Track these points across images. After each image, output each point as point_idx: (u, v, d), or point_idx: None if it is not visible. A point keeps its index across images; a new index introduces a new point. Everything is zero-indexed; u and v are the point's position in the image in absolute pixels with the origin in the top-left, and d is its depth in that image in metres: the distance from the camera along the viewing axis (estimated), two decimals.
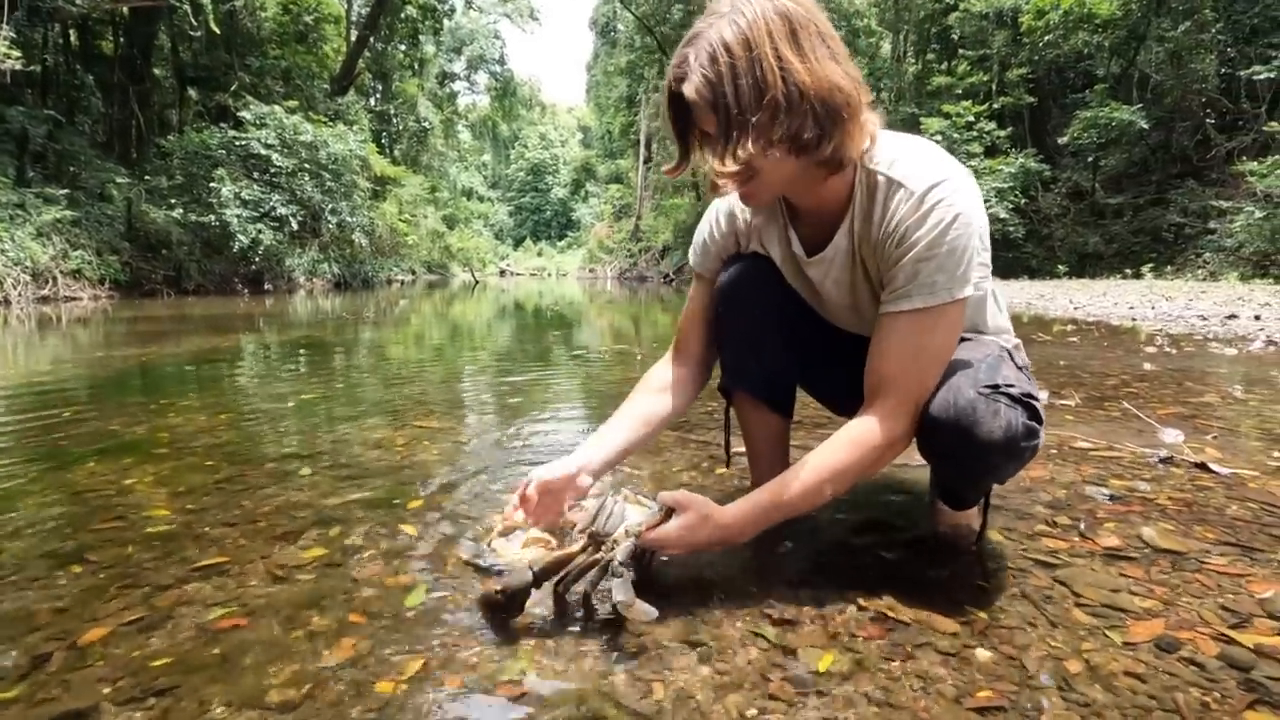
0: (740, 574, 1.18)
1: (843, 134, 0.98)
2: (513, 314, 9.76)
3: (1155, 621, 1.00)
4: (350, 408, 2.57)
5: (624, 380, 3.19)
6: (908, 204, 1.01)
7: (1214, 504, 1.47)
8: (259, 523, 1.40)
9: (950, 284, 1.01)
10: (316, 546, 1.28)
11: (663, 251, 32.23)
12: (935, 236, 0.99)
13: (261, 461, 1.84)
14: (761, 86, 0.93)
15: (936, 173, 1.00)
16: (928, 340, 1.04)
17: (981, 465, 1.05)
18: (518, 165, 66.71)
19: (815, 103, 0.95)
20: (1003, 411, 1.00)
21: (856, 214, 1.08)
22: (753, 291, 1.28)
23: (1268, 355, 4.03)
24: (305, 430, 2.20)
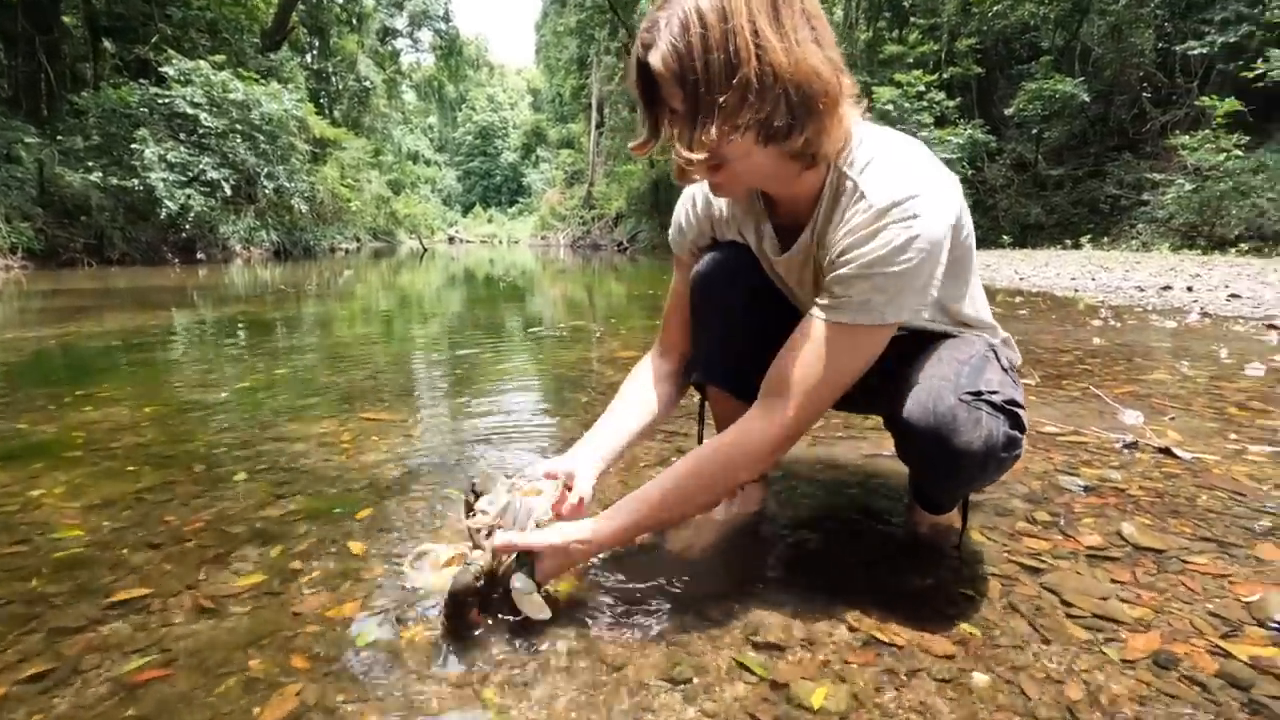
0: (719, 588, 1.11)
1: (817, 126, 0.89)
2: (464, 284, 9.47)
3: (1150, 635, 0.97)
4: (292, 397, 2.39)
5: (581, 361, 3.08)
6: (863, 216, 0.92)
7: (1184, 494, 1.47)
8: (187, 542, 1.26)
9: (885, 308, 0.93)
10: (253, 571, 1.15)
11: (616, 219, 31.84)
12: (880, 257, 0.90)
13: (190, 465, 1.67)
14: (734, 63, 0.83)
15: (905, 188, 0.90)
16: (845, 359, 0.97)
17: (959, 474, 1.00)
18: (465, 128, 64.59)
19: (790, 88, 0.85)
20: (984, 420, 0.94)
21: (820, 215, 1.00)
22: (727, 283, 1.20)
23: (1204, 328, 4.18)
24: (241, 425, 2.03)
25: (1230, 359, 3.07)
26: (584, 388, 2.52)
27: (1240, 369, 2.84)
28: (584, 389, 2.50)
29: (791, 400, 0.98)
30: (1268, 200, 11.53)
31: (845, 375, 0.98)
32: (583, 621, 1.00)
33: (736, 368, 1.26)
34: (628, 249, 27.33)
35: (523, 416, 2.15)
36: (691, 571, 1.17)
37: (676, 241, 1.27)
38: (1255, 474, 1.58)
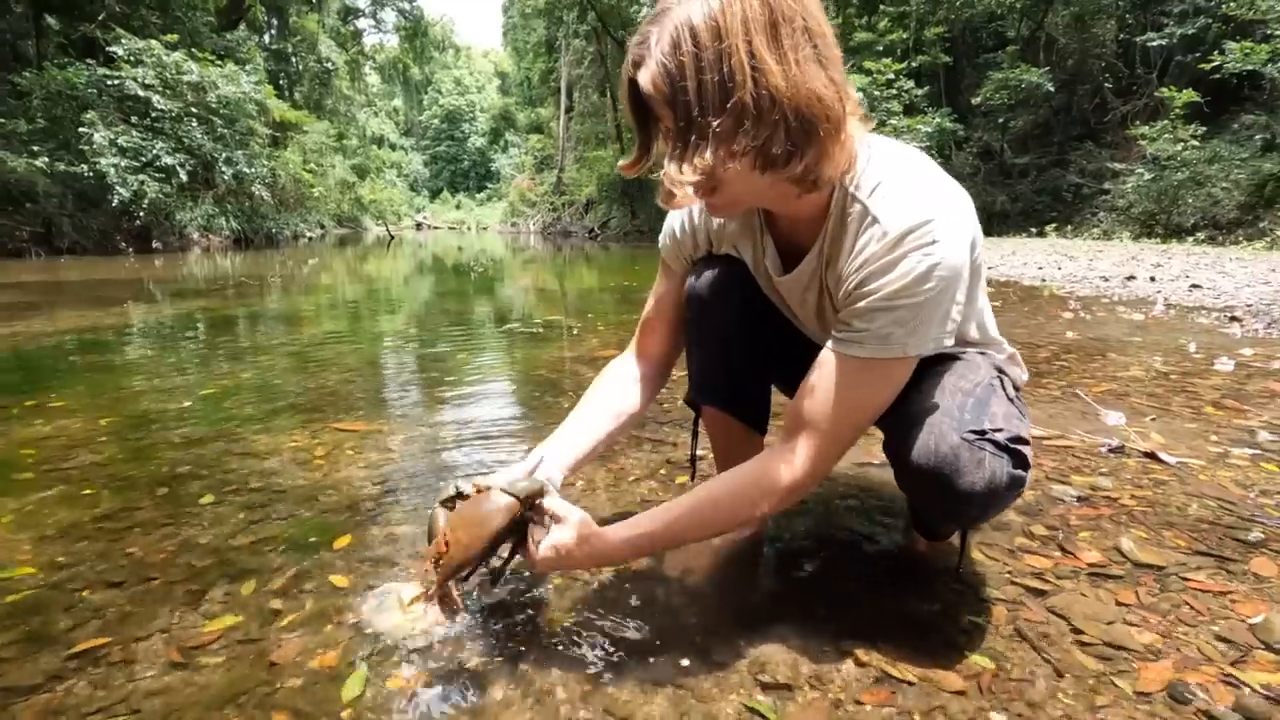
0: (721, 620, 1.07)
1: (818, 152, 0.83)
2: (434, 275, 9.28)
3: (1162, 664, 0.95)
4: (260, 405, 2.29)
5: (558, 360, 3.02)
6: (879, 244, 0.86)
7: (1175, 502, 1.48)
8: (152, 580, 1.18)
9: (907, 339, 0.89)
10: (225, 613, 1.08)
11: (587, 205, 31.58)
12: (901, 287, 0.85)
13: (152, 486, 1.58)
14: (728, 86, 0.78)
15: (920, 211, 0.85)
16: (866, 393, 0.93)
17: (960, 515, 0.99)
18: (432, 112, 63.27)
19: (789, 113, 0.79)
20: (987, 461, 0.91)
21: (827, 238, 0.95)
22: (725, 300, 1.15)
23: (1170, 319, 4.27)
24: (207, 439, 1.93)
25: (1199, 353, 3.13)
26: (564, 391, 2.46)
27: (1210, 364, 2.90)
28: (564, 393, 2.44)
29: (815, 439, 0.94)
30: (1221, 189, 11.88)
31: (869, 410, 0.95)
32: (583, 662, 0.96)
33: (734, 387, 1.22)
34: (599, 236, 27.15)
35: (501, 425, 2.08)
36: (692, 601, 1.12)
37: (667, 248, 1.21)
38: (1240, 480, 1.60)
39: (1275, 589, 1.14)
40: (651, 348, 1.24)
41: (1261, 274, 6.60)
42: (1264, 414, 2.13)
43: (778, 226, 1.06)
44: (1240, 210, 11.53)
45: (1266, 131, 12.03)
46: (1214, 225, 11.69)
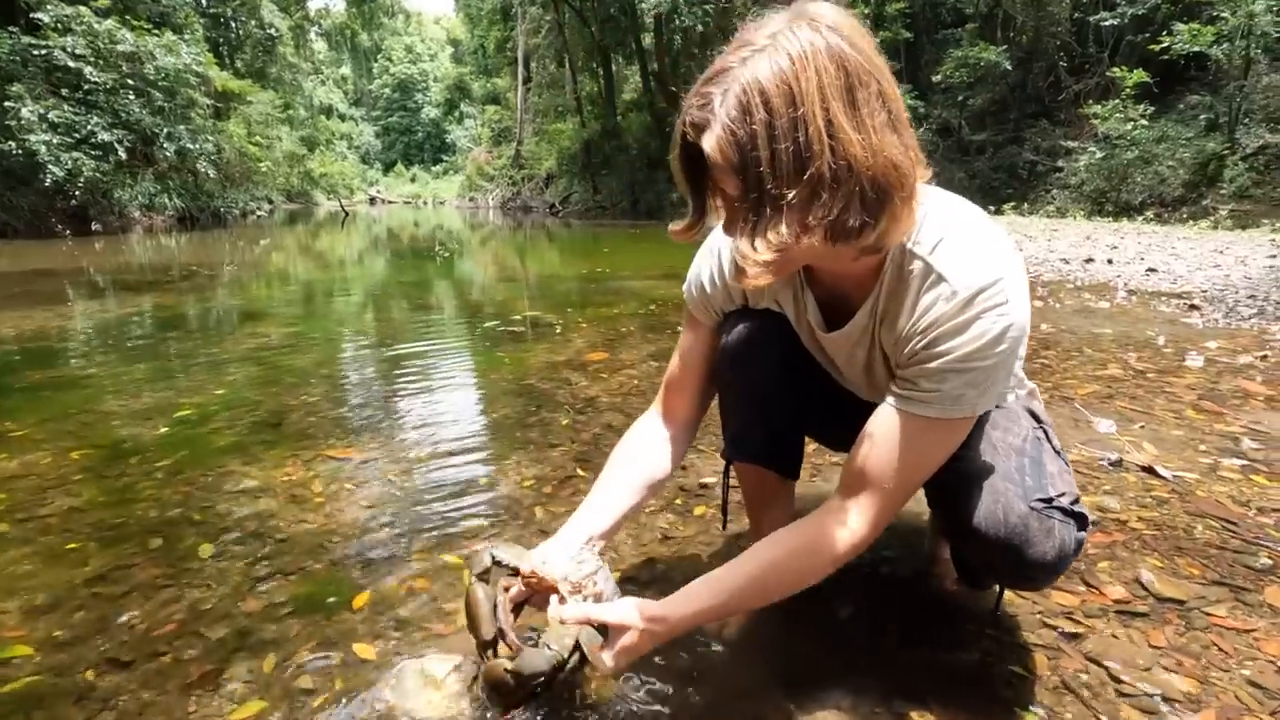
0: (761, 679, 1.06)
1: (891, 221, 0.79)
2: (397, 259, 9.00)
3: (1203, 715, 0.97)
4: (240, 429, 2.18)
5: (549, 367, 2.95)
6: (948, 305, 0.84)
7: (1180, 524, 1.52)
8: (161, 656, 1.11)
9: (977, 400, 0.87)
10: (251, 696, 1.02)
11: (547, 180, 31.06)
12: (976, 350, 0.83)
13: (144, 537, 1.49)
14: (804, 156, 0.73)
15: (989, 271, 0.82)
16: (931, 450, 0.91)
17: (1029, 581, 0.99)
18: (382, 81, 60.97)
19: (866, 183, 0.75)
20: (1056, 529, 0.90)
21: (883, 294, 0.92)
22: (764, 356, 1.11)
23: (1133, 307, 4.41)
24: (192, 474, 1.83)
25: (1169, 348, 3.24)
26: (561, 405, 2.41)
27: (1181, 360, 3.00)
28: (561, 408, 2.38)
29: (877, 498, 0.92)
30: (1167, 168, 12.29)
31: (931, 467, 0.93)
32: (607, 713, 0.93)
33: (772, 444, 1.19)
34: (560, 212, 26.76)
35: (500, 446, 2.03)
36: (733, 663, 1.11)
37: (695, 300, 1.15)
38: (1236, 495, 1.65)
39: None
40: (679, 409, 1.18)
41: (1209, 256, 6.86)
42: (1242, 418, 2.21)
43: (819, 281, 1.02)
44: (1185, 188, 11.95)
45: (1210, 111, 12.45)
46: (1161, 203, 12.10)
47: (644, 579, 1.35)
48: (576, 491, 1.71)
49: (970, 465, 0.97)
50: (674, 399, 1.18)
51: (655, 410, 1.20)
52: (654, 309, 4.52)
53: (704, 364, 1.16)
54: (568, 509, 1.59)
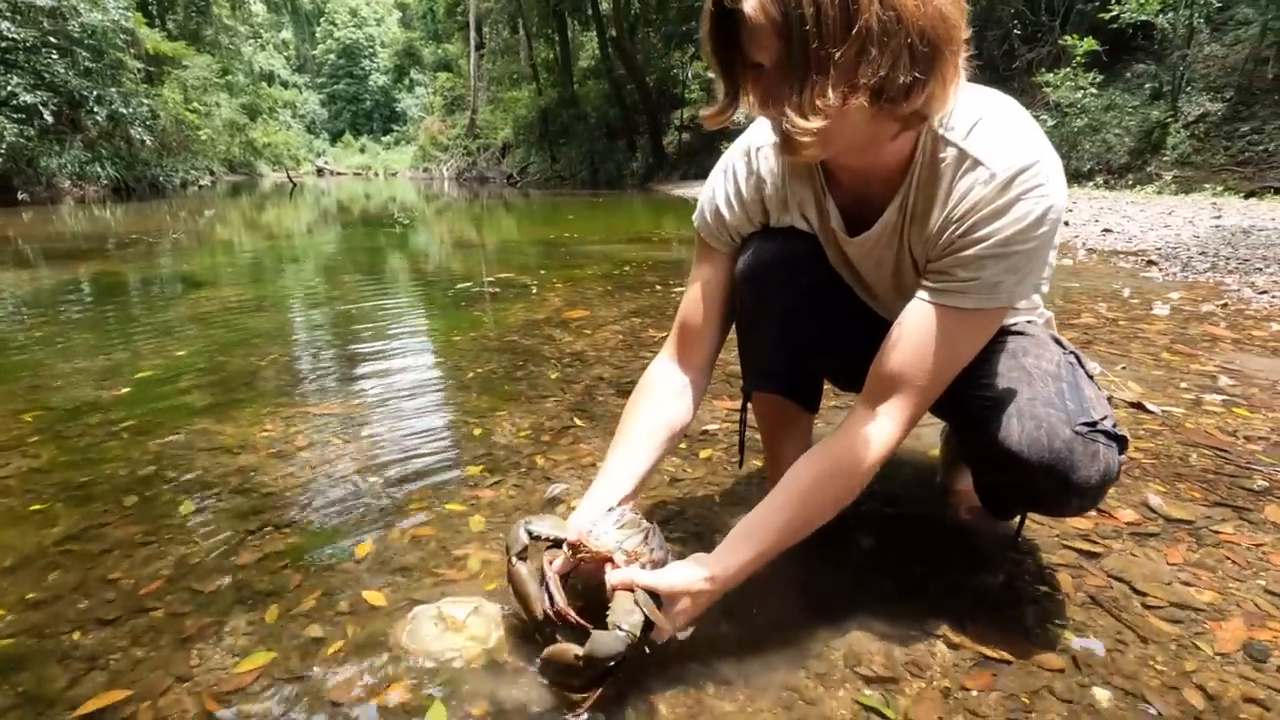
0: (795, 613, 1.04)
1: (941, 80, 0.74)
2: (351, 227, 8.66)
3: (1232, 623, 0.99)
4: (211, 388, 2.05)
5: (529, 324, 2.87)
6: (988, 188, 0.81)
7: (1175, 453, 1.55)
8: (152, 611, 1.02)
9: (1015, 287, 0.85)
10: (256, 647, 0.94)
11: (504, 149, 30.36)
12: (1017, 232, 0.80)
13: (116, 495, 1.38)
14: (851, 9, 0.67)
15: (1026, 153, 0.80)
16: (966, 346, 0.89)
17: (1070, 506, 0.95)
18: (326, 46, 58.34)
19: (915, 35, 0.69)
20: (1100, 454, 0.89)
21: (914, 187, 0.87)
22: (787, 280, 1.04)
23: (1094, 264, 4.53)
24: (161, 432, 1.71)
25: (1135, 299, 3.33)
26: (547, 360, 2.34)
27: (1149, 309, 3.08)
28: (548, 362, 2.31)
29: (911, 398, 0.89)
30: (1114, 136, 12.66)
31: (964, 363, 0.90)
32: (677, 679, 0.89)
33: (796, 373, 1.15)
34: (518, 182, 26.23)
35: (491, 398, 1.95)
36: (766, 598, 1.08)
37: (711, 227, 1.07)
38: (1222, 426, 1.70)
39: None
40: (695, 351, 1.11)
41: (1158, 218, 7.10)
42: (1215, 358, 2.28)
43: (842, 185, 0.97)
44: (1130, 155, 12.33)
45: (1155, 80, 12.82)
46: (1108, 170, 12.47)
47: (657, 520, 1.31)
48: (576, 440, 1.65)
49: (1006, 393, 0.94)
50: (689, 340, 1.11)
51: (668, 354, 1.13)
52: (628, 270, 4.45)
53: (722, 297, 1.09)
54: (569, 457, 1.55)
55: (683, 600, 0.87)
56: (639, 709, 0.84)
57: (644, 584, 0.86)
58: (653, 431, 1.07)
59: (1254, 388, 1.98)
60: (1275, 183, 9.73)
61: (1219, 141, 11.32)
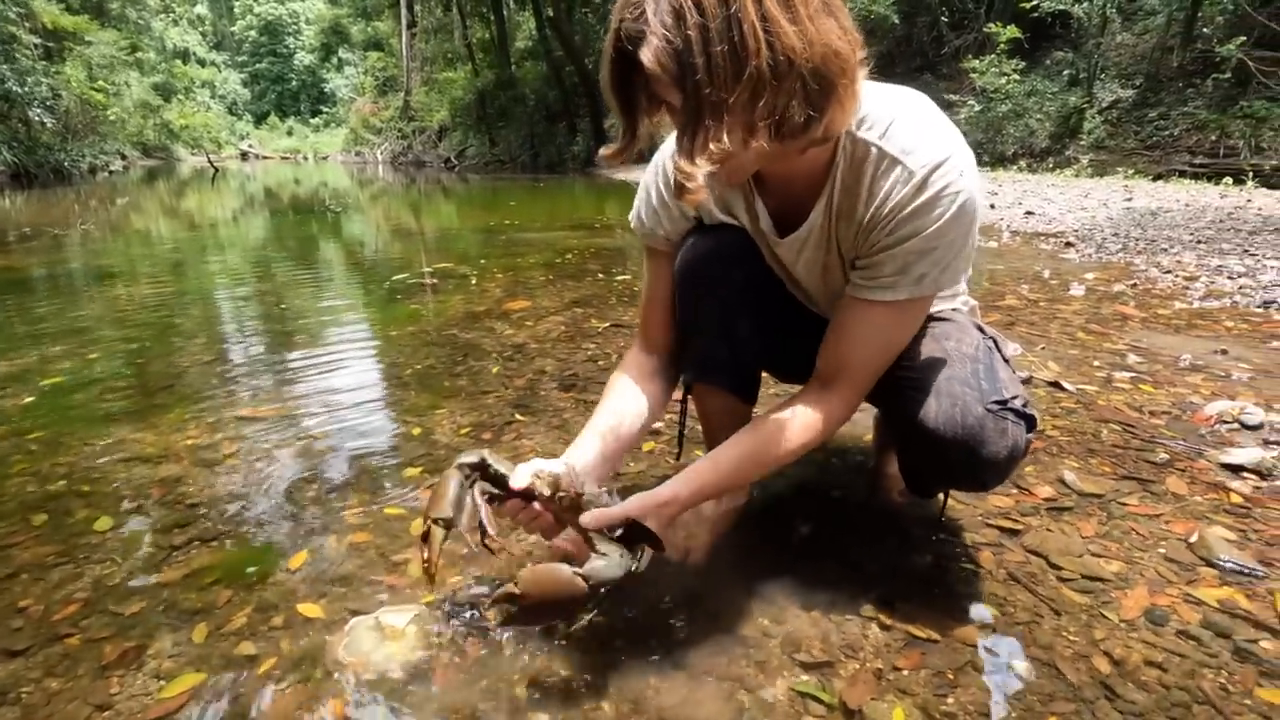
0: (737, 600, 1.06)
1: (836, 110, 0.77)
2: (279, 215, 8.29)
3: (1136, 591, 1.06)
4: (128, 394, 1.94)
5: (469, 317, 2.82)
6: (906, 187, 0.85)
7: (1089, 430, 1.65)
8: (67, 638, 0.97)
9: (939, 278, 0.90)
10: (181, 671, 0.91)
11: (440, 132, 29.52)
12: (937, 229, 0.85)
13: (24, 514, 1.29)
14: (740, 55, 0.69)
15: (938, 149, 0.84)
16: (899, 333, 0.96)
17: (980, 482, 1.03)
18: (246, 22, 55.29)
19: (807, 75, 0.72)
20: (1009, 430, 0.95)
21: (837, 188, 0.91)
22: (720, 275, 1.09)
23: (1018, 246, 4.74)
24: (74, 442, 1.61)
25: (1054, 280, 3.51)
26: (488, 354, 2.30)
27: (1066, 290, 3.25)
28: (489, 356, 2.28)
29: (854, 384, 0.98)
30: (1036, 121, 13.21)
31: (899, 349, 0.97)
32: (618, 671, 0.91)
33: (734, 366, 1.17)
34: (456, 166, 25.59)
35: (433, 397, 1.91)
36: (705, 584, 1.10)
37: (647, 230, 1.12)
38: (1130, 402, 1.81)
39: (1193, 506, 1.30)
40: (657, 338, 1.17)
41: (1076, 200, 7.48)
42: (1125, 337, 2.43)
43: (770, 189, 0.99)
44: (1051, 139, 12.90)
45: (1072, 67, 13.43)
46: (1031, 154, 13.02)
47: None
48: (519, 436, 1.64)
49: (928, 374, 0.99)
50: (649, 330, 1.18)
51: (637, 345, 1.20)
52: (569, 258, 4.41)
53: (671, 294, 1.13)
54: (511, 454, 1.54)
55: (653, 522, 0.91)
56: (583, 704, 0.85)
57: (620, 512, 0.89)
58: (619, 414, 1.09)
59: (1159, 364, 2.12)
60: (1180, 165, 10.36)
61: (1130, 126, 11.95)
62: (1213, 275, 3.49)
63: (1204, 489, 1.36)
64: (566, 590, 0.78)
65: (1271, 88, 10.20)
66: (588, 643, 0.97)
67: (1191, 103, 11.21)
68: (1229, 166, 9.51)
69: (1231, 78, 10.52)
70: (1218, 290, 3.16)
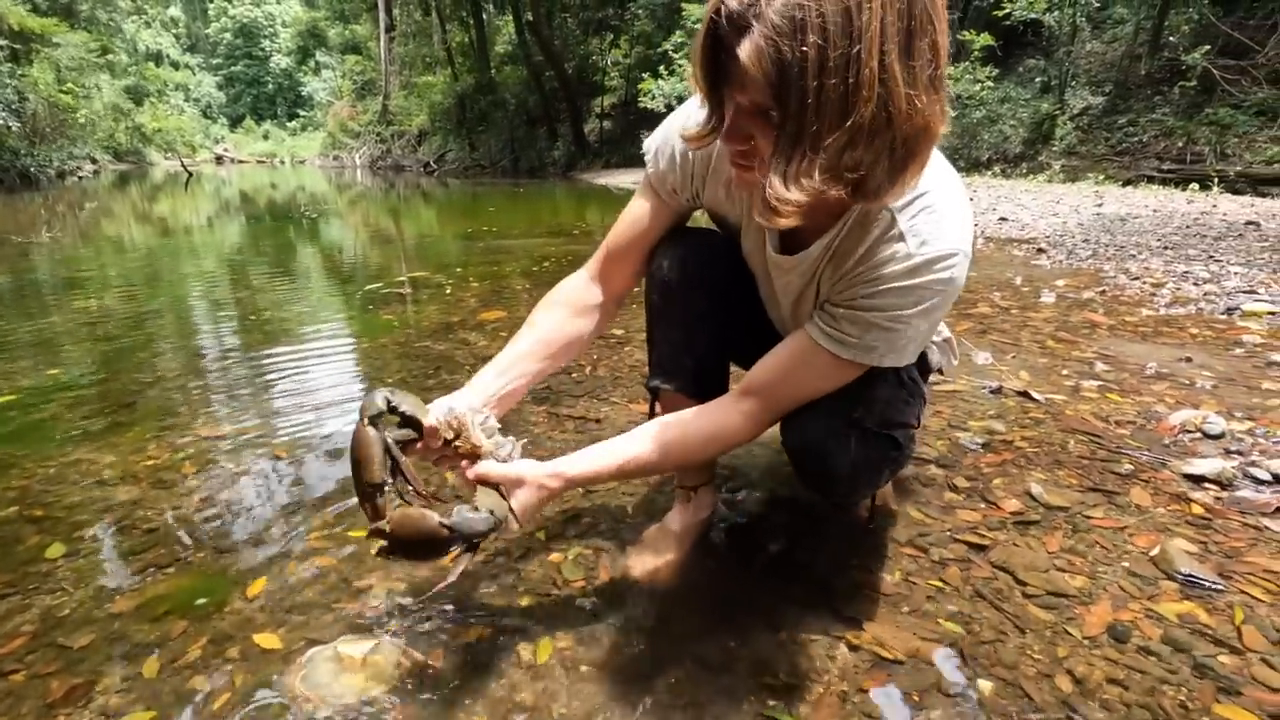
0: (703, 621, 1.06)
1: (903, 181, 0.74)
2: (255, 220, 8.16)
3: (1098, 608, 1.07)
4: (86, 413, 1.89)
5: (442, 327, 2.79)
6: (899, 266, 0.83)
7: (1056, 440, 1.67)
8: (12, 674, 0.94)
9: (887, 354, 0.90)
10: (131, 708, 0.88)
11: (420, 137, 29.32)
12: (909, 314, 0.85)
13: None
14: (851, 99, 0.65)
15: (946, 243, 0.82)
16: (826, 383, 0.96)
17: (831, 493, 1.09)
18: (221, 24, 54.54)
19: (899, 141, 0.69)
20: (852, 448, 0.98)
21: (843, 234, 0.89)
22: (694, 287, 1.10)
23: (990, 252, 4.80)
24: (28, 464, 1.56)
25: (1026, 287, 3.55)
26: (460, 366, 2.28)
27: (1037, 297, 3.30)
28: (461, 368, 2.26)
29: (771, 407, 0.99)
30: (1009, 127, 13.43)
31: (821, 394, 0.98)
32: (582, 698, 0.90)
33: (700, 374, 1.17)
34: (435, 171, 25.43)
35: None
36: (672, 604, 1.10)
37: (661, 171, 1.04)
38: (1097, 412, 1.83)
39: (1155, 518, 1.32)
40: (614, 276, 1.12)
41: (1048, 206, 7.60)
42: (1093, 345, 2.46)
43: None
44: (1024, 145, 13.13)
45: (1044, 75, 13.68)
46: (1004, 159, 13.23)
47: (570, 535, 1.30)
48: None
49: None
50: (611, 265, 1.12)
51: (586, 272, 1.14)
52: (546, 265, 4.39)
53: (649, 239, 1.10)
54: None
55: (530, 491, 0.92)
56: None
57: (502, 474, 0.91)
58: (548, 341, 1.09)
59: (1125, 372, 2.15)
60: (1149, 171, 10.58)
61: (1100, 133, 12.18)
62: (1179, 282, 3.55)
63: (1167, 500, 1.38)
64: (429, 535, 0.80)
65: (1235, 95, 10.47)
66: (553, 668, 0.95)
67: (1159, 110, 11.47)
68: (1196, 172, 9.74)
69: (1197, 85, 10.78)
70: (1183, 297, 3.22)
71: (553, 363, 1.10)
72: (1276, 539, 1.24)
